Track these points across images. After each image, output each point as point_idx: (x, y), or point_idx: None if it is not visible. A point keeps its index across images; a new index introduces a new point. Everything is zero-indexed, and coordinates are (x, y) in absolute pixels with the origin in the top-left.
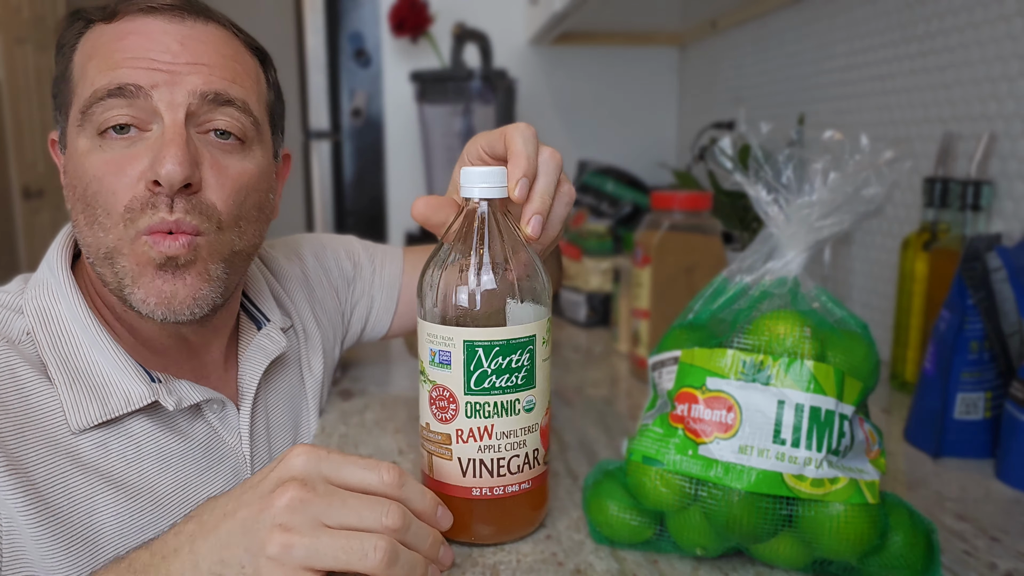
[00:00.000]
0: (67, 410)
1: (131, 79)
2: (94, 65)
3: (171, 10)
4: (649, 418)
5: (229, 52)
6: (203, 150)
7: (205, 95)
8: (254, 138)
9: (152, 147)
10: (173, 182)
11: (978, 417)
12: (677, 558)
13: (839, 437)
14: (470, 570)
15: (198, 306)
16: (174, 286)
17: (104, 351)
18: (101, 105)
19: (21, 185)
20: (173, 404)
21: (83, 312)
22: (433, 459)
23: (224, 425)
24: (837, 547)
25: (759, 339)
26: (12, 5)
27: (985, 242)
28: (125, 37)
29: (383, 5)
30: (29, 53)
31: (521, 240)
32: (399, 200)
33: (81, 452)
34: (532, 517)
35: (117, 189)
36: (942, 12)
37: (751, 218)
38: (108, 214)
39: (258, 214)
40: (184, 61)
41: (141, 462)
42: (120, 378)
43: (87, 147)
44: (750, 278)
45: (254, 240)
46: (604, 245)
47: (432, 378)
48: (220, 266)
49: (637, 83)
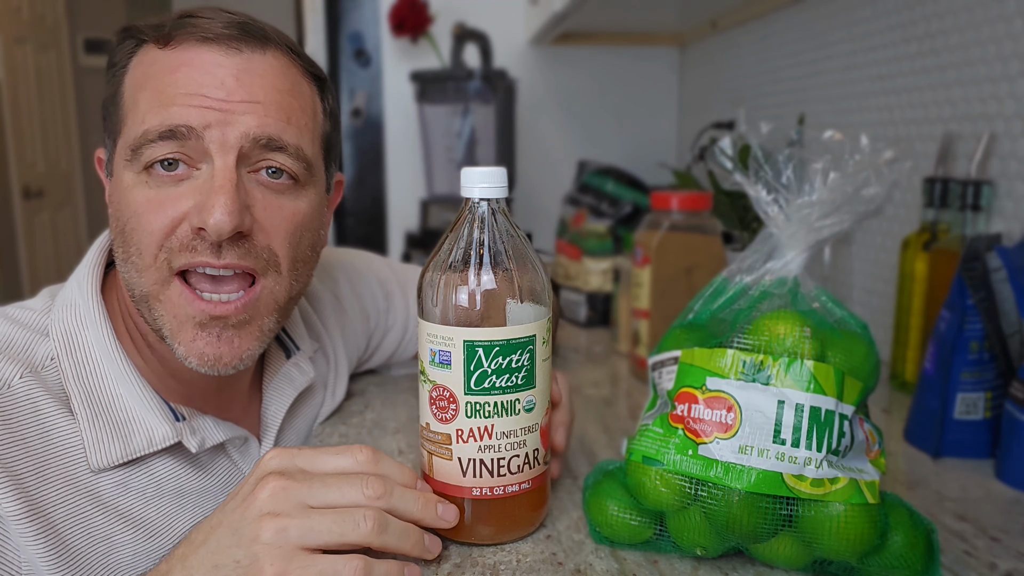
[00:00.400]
0: (88, 449)
1: (183, 120)
2: (146, 98)
3: (227, 39)
4: (649, 418)
5: (286, 86)
6: (254, 190)
7: (258, 139)
8: (307, 179)
9: (199, 189)
10: (222, 232)
11: (978, 417)
12: (677, 558)
13: (839, 437)
14: (470, 570)
15: (244, 363)
16: (219, 350)
17: (130, 386)
18: (151, 147)
19: (21, 185)
20: (196, 446)
21: (111, 343)
22: (433, 459)
23: (244, 458)
24: (837, 547)
25: (759, 339)
26: (12, 5)
27: (985, 242)
28: (178, 69)
29: (383, 5)
30: (29, 53)
31: (521, 239)
32: (399, 200)
33: (101, 490)
34: (532, 517)
35: (155, 228)
36: (942, 12)
37: (751, 218)
38: (141, 254)
39: (312, 254)
40: (239, 99)
41: (160, 499)
42: (144, 415)
43: (132, 181)
44: (750, 278)
45: (307, 282)
46: (604, 245)
47: (432, 378)
48: (274, 318)
49: (637, 83)
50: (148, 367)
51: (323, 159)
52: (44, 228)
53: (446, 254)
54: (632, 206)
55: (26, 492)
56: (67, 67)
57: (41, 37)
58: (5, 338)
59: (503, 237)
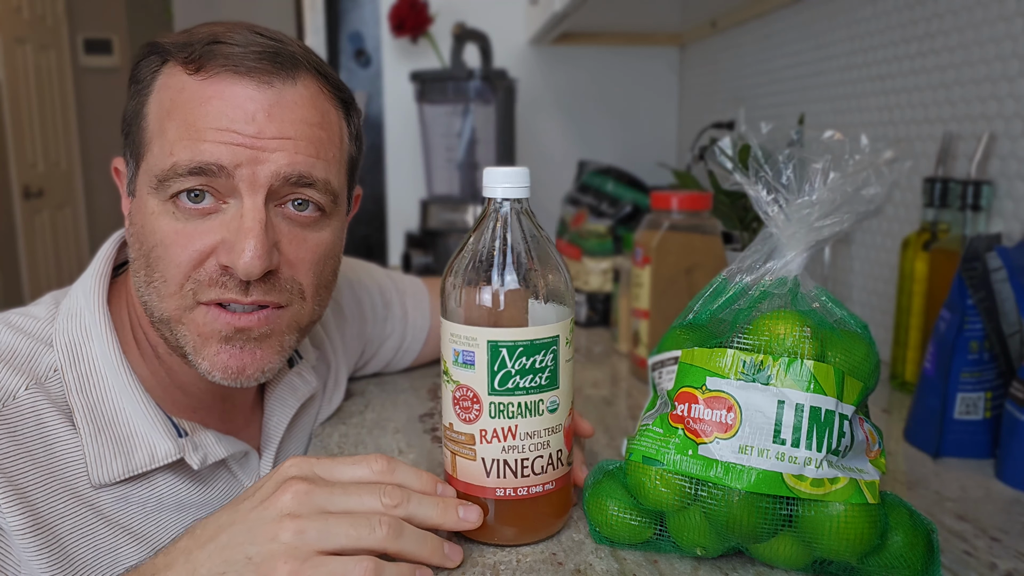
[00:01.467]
0: (89, 464)
1: (214, 158)
2: (174, 128)
3: (259, 73)
4: (649, 418)
5: (316, 119)
6: (281, 225)
7: (288, 178)
8: (332, 210)
9: (227, 225)
10: (252, 275)
11: (978, 417)
12: (677, 558)
13: (839, 437)
14: (470, 570)
15: (265, 376)
16: (242, 361)
17: (134, 401)
18: (180, 180)
19: (21, 185)
20: (198, 462)
21: (116, 356)
22: (456, 459)
23: (244, 471)
24: (837, 547)
25: (759, 339)
26: (12, 5)
27: (985, 242)
28: (208, 102)
29: (383, 5)
30: (29, 53)
31: (544, 239)
32: (399, 200)
33: (103, 503)
34: (555, 518)
35: (182, 262)
36: (942, 12)
37: (751, 218)
38: (166, 282)
39: (333, 278)
40: (269, 136)
41: (160, 513)
42: (147, 431)
43: (158, 209)
44: (750, 278)
45: (328, 301)
46: (604, 245)
47: (456, 378)
48: (295, 336)
49: (637, 83)
50: (154, 378)
51: (347, 184)
52: (44, 228)
53: (469, 254)
54: (632, 206)
55: (31, 505)
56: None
57: (41, 37)
58: (9, 347)
59: (526, 237)
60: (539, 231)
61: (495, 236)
